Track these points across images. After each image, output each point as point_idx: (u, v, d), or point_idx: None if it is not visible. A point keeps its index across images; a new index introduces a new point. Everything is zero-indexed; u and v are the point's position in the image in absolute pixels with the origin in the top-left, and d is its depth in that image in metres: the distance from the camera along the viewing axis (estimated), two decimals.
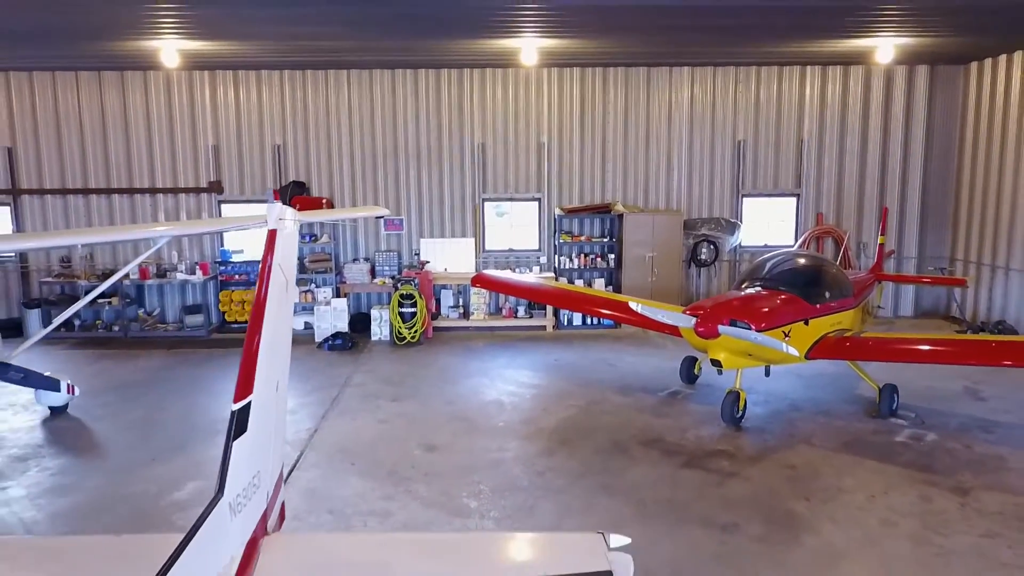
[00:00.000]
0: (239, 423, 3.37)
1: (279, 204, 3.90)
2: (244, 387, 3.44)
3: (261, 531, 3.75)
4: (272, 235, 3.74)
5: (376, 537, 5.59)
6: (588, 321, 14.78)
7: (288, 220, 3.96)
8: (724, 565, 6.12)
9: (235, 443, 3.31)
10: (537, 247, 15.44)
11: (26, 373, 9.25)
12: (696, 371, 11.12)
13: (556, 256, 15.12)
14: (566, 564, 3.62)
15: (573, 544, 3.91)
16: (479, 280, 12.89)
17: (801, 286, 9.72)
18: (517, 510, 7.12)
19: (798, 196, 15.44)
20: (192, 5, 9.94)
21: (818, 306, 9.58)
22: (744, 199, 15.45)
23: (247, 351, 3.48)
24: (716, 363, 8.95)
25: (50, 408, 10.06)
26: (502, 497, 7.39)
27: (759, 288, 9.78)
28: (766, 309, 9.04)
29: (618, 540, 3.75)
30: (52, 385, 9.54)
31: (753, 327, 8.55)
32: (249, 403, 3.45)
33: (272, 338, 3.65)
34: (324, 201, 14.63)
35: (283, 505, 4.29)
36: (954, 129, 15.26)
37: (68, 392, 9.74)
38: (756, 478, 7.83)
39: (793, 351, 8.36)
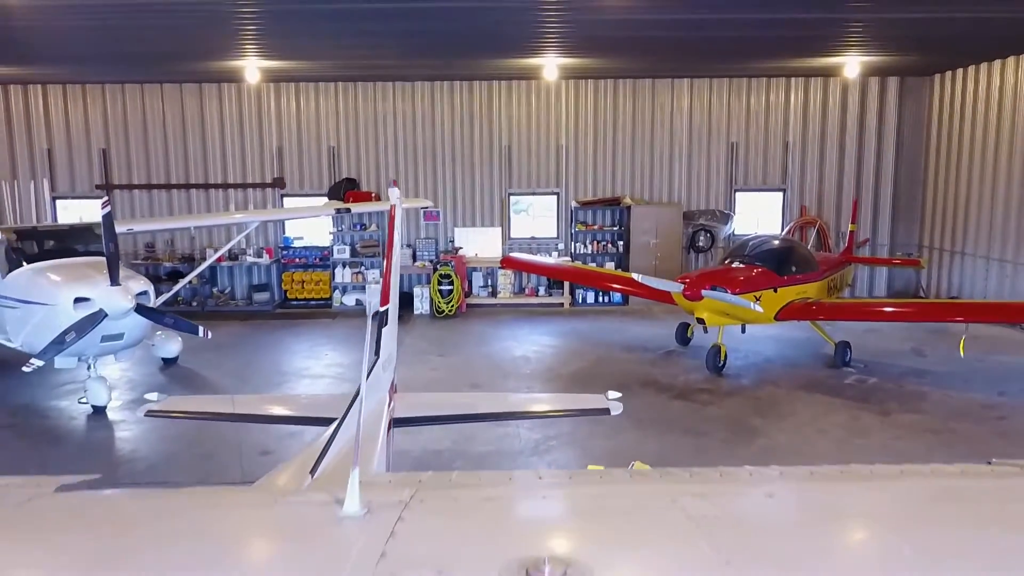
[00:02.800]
0: (383, 318, 5.72)
1: (395, 189, 6.24)
2: (384, 298, 5.79)
3: (392, 389, 6.10)
4: (392, 209, 6.09)
5: (466, 395, 8.10)
6: (600, 299, 17.06)
7: (398, 199, 6.31)
8: (695, 456, 8.43)
9: (384, 330, 5.66)
10: (556, 235, 17.78)
11: (175, 319, 10.37)
12: (689, 334, 13.40)
13: (572, 243, 17.44)
14: (581, 404, 6.00)
15: (584, 398, 6.29)
16: (507, 261, 15.24)
17: (772, 262, 12.01)
18: (549, 421, 9.46)
19: (784, 191, 17.69)
20: (271, 33, 12.35)
21: (785, 278, 11.85)
22: (737, 193, 17.72)
23: (386, 278, 5.82)
24: (701, 321, 11.24)
25: (164, 359, 12.42)
26: None
27: (738, 263, 12.08)
28: (741, 278, 11.35)
29: (613, 394, 6.09)
30: (193, 329, 10.25)
31: (729, 291, 10.84)
32: (387, 309, 5.80)
33: (394, 273, 6.01)
34: (372, 195, 17.03)
35: (393, 382, 6.63)
36: (921, 132, 17.44)
37: (204, 335, 10.43)
38: (728, 406, 10.12)
39: (760, 310, 10.64)
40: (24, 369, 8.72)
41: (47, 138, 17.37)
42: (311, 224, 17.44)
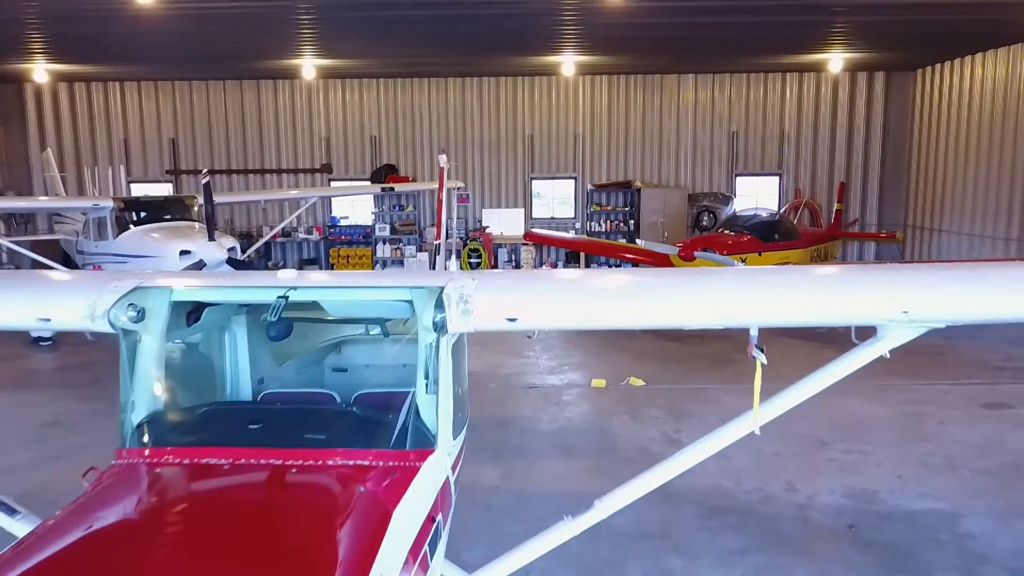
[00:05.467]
0: (436, 249, 7.78)
1: (443, 155, 8.28)
2: (438, 232, 7.86)
3: None
4: (442, 172, 8.13)
5: None
6: (611, 266, 18.99)
7: (445, 163, 8.35)
8: (680, 376, 10.39)
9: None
10: (573, 215, 19.76)
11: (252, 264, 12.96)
12: None
13: (588, 222, 19.41)
14: None
15: None
16: (530, 236, 17.25)
17: (758, 231, 13.92)
18: (562, 354, 11.49)
19: (780, 175, 19.53)
20: (325, 36, 14.45)
21: (769, 244, 13.75)
22: (737, 177, 19.59)
23: (438, 221, 7.90)
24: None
25: None
26: (550, 344, 11.78)
27: (728, 232, 14.01)
28: (729, 242, 13.28)
29: None
30: None
31: (716, 251, 12.77)
32: (439, 244, 7.86)
33: (444, 220, 8.04)
34: (409, 179, 19.12)
35: None
36: (905, 122, 19.19)
37: None
38: (714, 346, 12.06)
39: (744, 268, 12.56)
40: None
41: (123, 129, 19.66)
42: (355, 205, 19.57)
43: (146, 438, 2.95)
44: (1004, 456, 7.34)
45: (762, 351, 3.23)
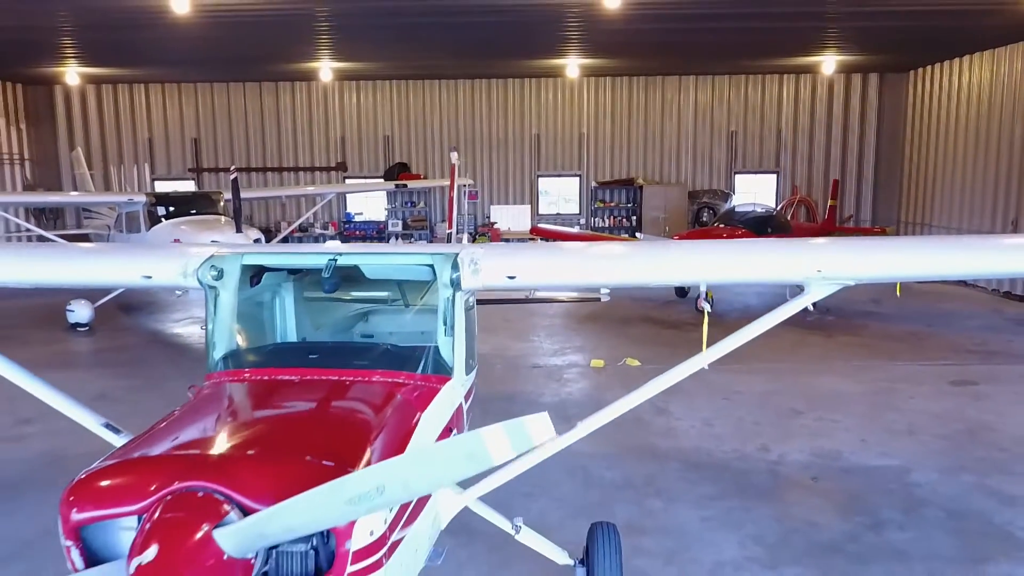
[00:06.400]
0: (448, 238, 8.61)
1: (454, 152, 9.13)
2: (450, 223, 8.70)
3: None
4: (453, 167, 8.97)
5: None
6: None
7: (456, 159, 9.19)
8: (673, 357, 11.15)
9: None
10: (578, 211, 20.58)
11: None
12: (686, 289, 16.10)
13: (592, 218, 20.22)
14: (579, 296, 8.84)
15: (582, 295, 9.12)
16: (535, 230, 18.03)
17: (752, 225, 14.69)
18: (564, 339, 12.30)
19: (777, 173, 20.29)
20: (341, 40, 15.30)
21: (760, 236, 14.51)
22: (736, 175, 20.36)
23: (449, 213, 8.74)
24: None
25: None
26: (555, 331, 12.60)
27: (724, 226, 14.80)
28: (724, 235, 14.05)
29: (605, 290, 8.92)
30: None
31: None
32: (451, 233, 8.70)
33: (456, 210, 8.88)
34: (421, 176, 19.97)
35: None
36: (899, 122, 19.91)
37: None
38: (708, 331, 12.82)
39: None
40: (177, 294, 11.79)
41: (148, 129, 20.60)
42: (369, 201, 20.44)
43: (229, 364, 3.81)
44: (961, 424, 8.11)
45: (709, 303, 4.03)
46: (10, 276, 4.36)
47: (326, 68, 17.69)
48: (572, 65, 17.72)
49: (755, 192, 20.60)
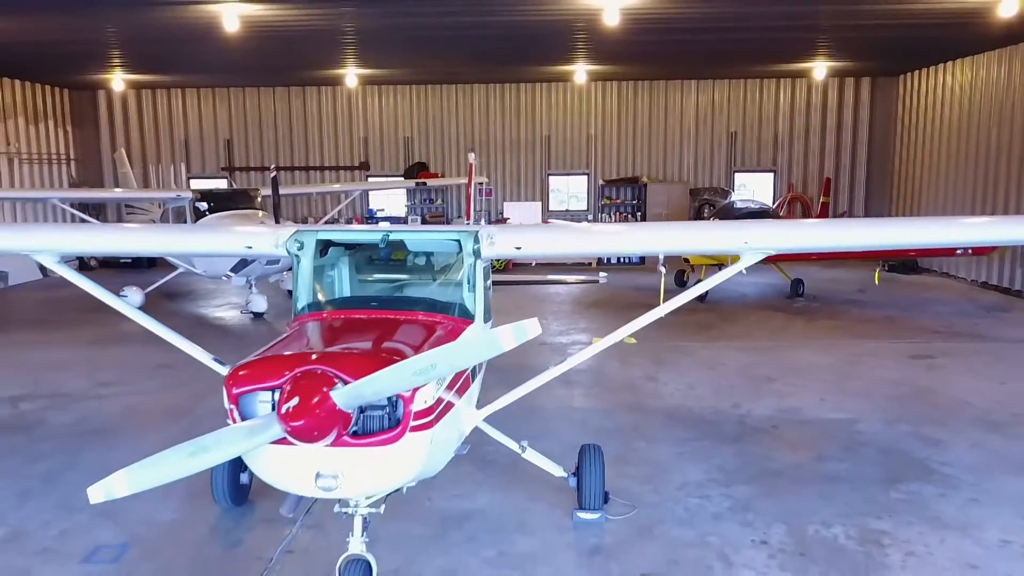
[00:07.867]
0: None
1: (472, 153, 10.45)
2: (467, 217, 10.05)
3: None
4: (471, 166, 10.31)
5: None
6: (622, 260, 21.03)
7: (474, 159, 10.53)
8: (667, 336, 12.46)
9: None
10: (586, 208, 21.87)
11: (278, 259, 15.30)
12: (685, 278, 17.36)
13: (599, 214, 21.49)
14: (578, 276, 10.16)
15: (580, 276, 10.43)
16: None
17: (744, 219, 15.92)
18: (570, 321, 13.61)
19: (774, 172, 21.50)
20: (366, 50, 16.65)
21: None
22: (736, 174, 21.59)
23: (468, 205, 10.07)
24: (686, 260, 15.23)
25: (253, 313, 16.48)
26: (562, 315, 13.92)
27: (719, 220, 16.04)
28: None
29: (603, 274, 10.21)
30: None
31: None
32: (470, 224, 10.03)
33: (472, 206, 10.23)
34: (439, 175, 21.32)
35: None
36: (890, 123, 21.06)
37: None
38: (701, 317, 14.09)
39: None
40: (223, 279, 13.18)
41: (184, 130, 22.07)
42: (390, 198, 21.82)
43: (310, 309, 5.18)
44: (910, 388, 9.36)
45: (664, 267, 5.42)
46: (151, 247, 5.83)
47: (351, 74, 19.09)
48: (580, 71, 19.02)
49: (752, 190, 21.84)
